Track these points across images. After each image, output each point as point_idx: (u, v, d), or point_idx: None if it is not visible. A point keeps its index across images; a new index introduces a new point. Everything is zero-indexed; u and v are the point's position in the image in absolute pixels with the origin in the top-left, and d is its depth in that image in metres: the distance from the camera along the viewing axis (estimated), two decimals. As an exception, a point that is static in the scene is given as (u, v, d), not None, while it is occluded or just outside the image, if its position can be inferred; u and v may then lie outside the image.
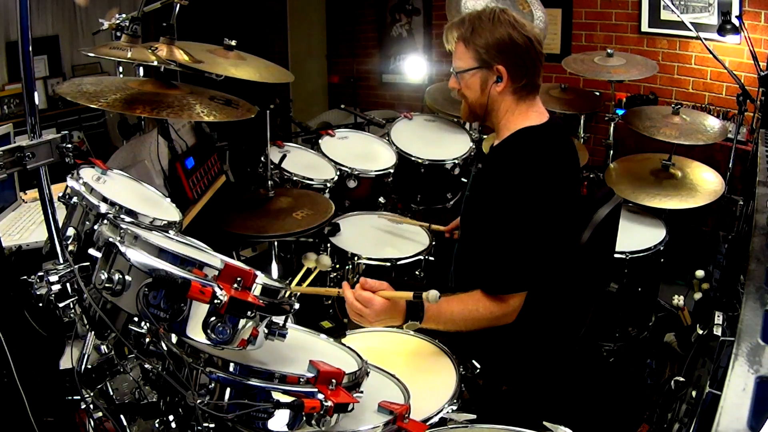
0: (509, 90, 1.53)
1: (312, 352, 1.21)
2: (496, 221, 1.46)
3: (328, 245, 2.35)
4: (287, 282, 1.15)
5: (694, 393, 1.54)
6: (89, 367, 1.36)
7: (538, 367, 1.64)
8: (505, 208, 1.45)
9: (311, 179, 2.67)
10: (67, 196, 1.40)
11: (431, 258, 2.34)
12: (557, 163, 1.50)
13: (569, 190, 1.53)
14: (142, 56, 1.44)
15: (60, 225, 1.38)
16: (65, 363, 1.46)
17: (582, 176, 2.83)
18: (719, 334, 1.49)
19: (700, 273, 2.56)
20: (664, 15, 3.59)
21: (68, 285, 1.27)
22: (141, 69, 2.14)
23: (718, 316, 1.55)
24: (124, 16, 1.88)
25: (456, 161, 2.93)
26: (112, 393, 1.36)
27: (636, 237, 2.53)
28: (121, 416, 1.28)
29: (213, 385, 0.98)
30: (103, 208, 1.34)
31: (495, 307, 1.45)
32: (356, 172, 2.80)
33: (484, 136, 3.24)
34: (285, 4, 5.74)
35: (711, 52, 2.51)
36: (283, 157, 2.64)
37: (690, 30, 2.60)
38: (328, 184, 2.69)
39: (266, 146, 2.41)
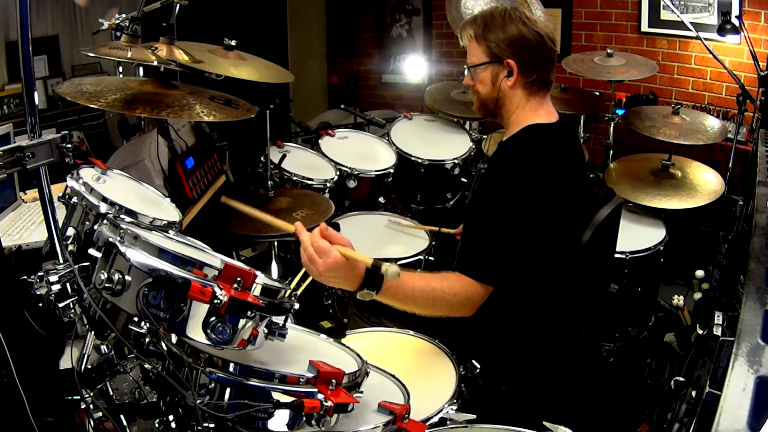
0: (520, 85, 1.54)
1: (312, 352, 1.21)
2: (493, 211, 1.46)
3: (328, 245, 2.35)
4: (287, 282, 1.14)
5: (694, 393, 1.54)
6: (89, 367, 1.36)
7: (538, 367, 1.64)
8: (504, 201, 1.44)
9: (311, 179, 2.67)
10: (67, 196, 1.40)
11: (431, 258, 2.34)
12: (562, 162, 1.51)
13: (572, 190, 1.53)
14: (142, 56, 1.44)
15: (60, 225, 1.38)
16: (65, 363, 1.46)
17: (589, 178, 2.83)
18: (719, 334, 1.49)
19: (700, 273, 2.56)
20: (664, 15, 3.59)
21: (68, 285, 1.27)
22: (141, 69, 2.14)
23: (718, 316, 1.55)
24: (123, 16, 1.88)
25: (456, 161, 2.93)
26: (112, 393, 1.36)
27: (636, 237, 2.53)
28: (121, 416, 1.28)
29: (213, 385, 0.98)
30: (103, 208, 1.34)
31: (461, 291, 1.41)
32: (356, 172, 2.80)
33: (484, 136, 3.24)
34: (285, 4, 5.74)
35: (711, 52, 2.51)
36: (283, 157, 2.64)
37: (690, 30, 2.60)
38: (328, 184, 2.69)
39: (266, 146, 2.41)
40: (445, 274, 1.44)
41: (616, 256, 2.32)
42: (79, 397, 1.33)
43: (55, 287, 1.26)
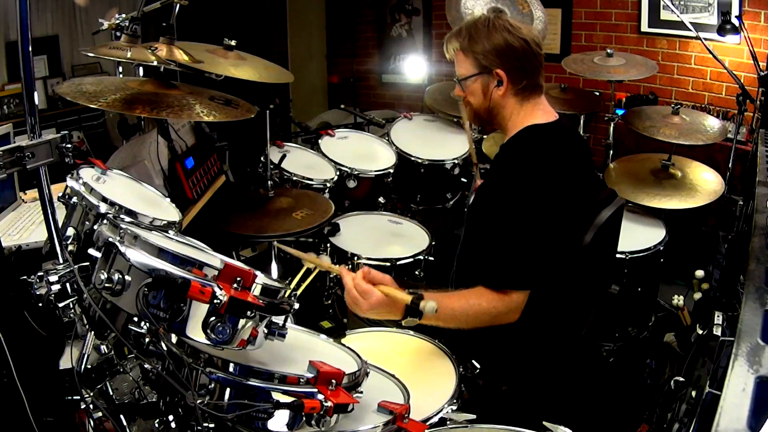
0: (511, 92, 1.55)
1: (312, 352, 1.21)
2: (503, 217, 1.47)
3: (328, 245, 2.35)
4: (287, 282, 1.14)
5: (693, 393, 1.54)
6: (89, 367, 1.36)
7: (538, 367, 1.64)
8: (511, 205, 1.45)
9: (311, 179, 2.67)
10: (66, 196, 1.40)
11: (431, 258, 2.34)
12: (562, 161, 1.51)
13: (575, 188, 1.53)
14: (141, 56, 1.44)
15: (60, 225, 1.38)
16: (65, 363, 1.46)
17: (595, 176, 2.83)
18: (719, 334, 1.49)
19: (699, 273, 2.56)
20: (664, 15, 3.59)
21: (68, 285, 1.26)
22: (141, 69, 2.14)
23: (718, 316, 1.55)
24: (123, 16, 1.88)
25: (456, 161, 2.93)
26: (111, 393, 1.36)
27: (636, 237, 2.53)
28: (121, 416, 1.28)
29: (213, 385, 0.98)
30: (103, 208, 1.34)
31: (498, 303, 1.45)
32: (356, 172, 2.80)
33: (484, 137, 3.24)
34: (285, 4, 5.74)
35: (711, 52, 2.51)
36: (283, 157, 2.64)
37: (690, 30, 2.60)
38: (328, 184, 2.69)
39: (266, 146, 2.41)
40: (480, 289, 1.47)
41: (617, 256, 2.32)
42: (79, 397, 1.33)
43: (55, 287, 1.25)
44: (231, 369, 0.99)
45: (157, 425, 1.17)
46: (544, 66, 1.58)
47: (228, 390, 0.98)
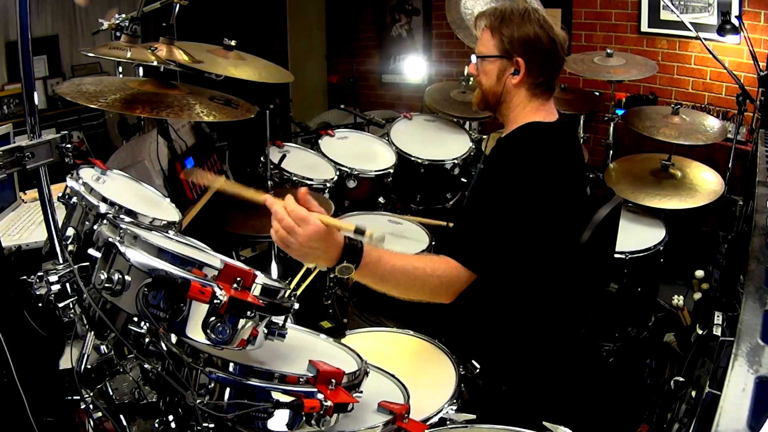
0: (524, 85, 1.55)
1: (312, 352, 1.21)
2: (489, 202, 1.45)
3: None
4: (287, 282, 1.14)
5: (693, 393, 1.54)
6: (89, 367, 1.36)
7: (538, 367, 1.64)
8: (500, 194, 1.43)
9: (311, 179, 2.67)
10: (66, 196, 1.41)
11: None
12: (560, 160, 1.50)
13: (569, 188, 1.53)
14: (141, 56, 1.45)
15: (60, 225, 1.38)
16: (65, 363, 1.46)
17: (588, 178, 2.83)
18: (719, 334, 1.49)
19: (699, 273, 2.57)
20: (664, 15, 3.59)
21: (68, 285, 1.27)
22: (141, 69, 2.14)
23: (718, 316, 1.55)
24: (123, 16, 1.88)
25: (456, 161, 2.93)
26: (111, 393, 1.36)
27: (636, 237, 2.53)
28: (121, 416, 1.28)
29: (213, 385, 0.98)
30: (103, 208, 1.35)
31: (444, 274, 1.37)
32: (356, 172, 2.79)
33: (484, 137, 3.23)
34: (285, 4, 5.75)
35: (711, 52, 2.51)
36: (283, 157, 2.64)
37: (690, 30, 2.60)
38: (328, 184, 2.69)
39: (266, 146, 2.41)
40: (429, 255, 1.43)
41: (616, 256, 2.32)
42: (78, 397, 1.33)
43: (55, 287, 1.26)
44: (231, 369, 0.99)
45: (157, 425, 1.17)
46: (562, 71, 1.58)
47: (228, 390, 0.98)
